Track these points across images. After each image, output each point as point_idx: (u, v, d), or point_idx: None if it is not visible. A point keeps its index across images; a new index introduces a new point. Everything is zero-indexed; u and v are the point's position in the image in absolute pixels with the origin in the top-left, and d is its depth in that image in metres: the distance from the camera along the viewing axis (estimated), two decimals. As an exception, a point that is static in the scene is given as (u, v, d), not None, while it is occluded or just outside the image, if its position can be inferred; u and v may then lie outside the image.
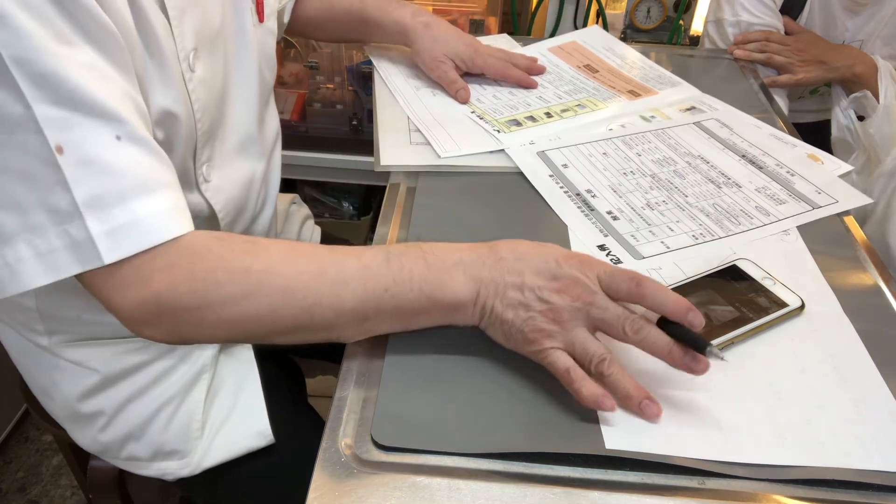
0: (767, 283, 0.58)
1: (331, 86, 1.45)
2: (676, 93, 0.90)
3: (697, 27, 1.40)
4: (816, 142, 0.81)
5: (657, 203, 0.69)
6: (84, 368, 0.69)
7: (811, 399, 0.50)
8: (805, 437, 0.47)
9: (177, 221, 0.48)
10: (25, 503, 1.39)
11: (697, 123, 0.83)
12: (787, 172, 0.74)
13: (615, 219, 0.67)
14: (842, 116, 1.06)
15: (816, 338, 0.55)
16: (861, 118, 1.04)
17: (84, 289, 0.52)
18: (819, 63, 1.05)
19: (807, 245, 0.64)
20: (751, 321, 0.54)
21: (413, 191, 0.71)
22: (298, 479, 0.46)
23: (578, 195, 0.70)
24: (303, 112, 1.48)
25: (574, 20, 1.38)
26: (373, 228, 1.56)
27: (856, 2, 1.06)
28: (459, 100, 0.87)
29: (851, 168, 0.75)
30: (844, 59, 1.05)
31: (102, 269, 0.47)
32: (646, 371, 0.51)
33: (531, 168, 0.74)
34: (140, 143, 0.48)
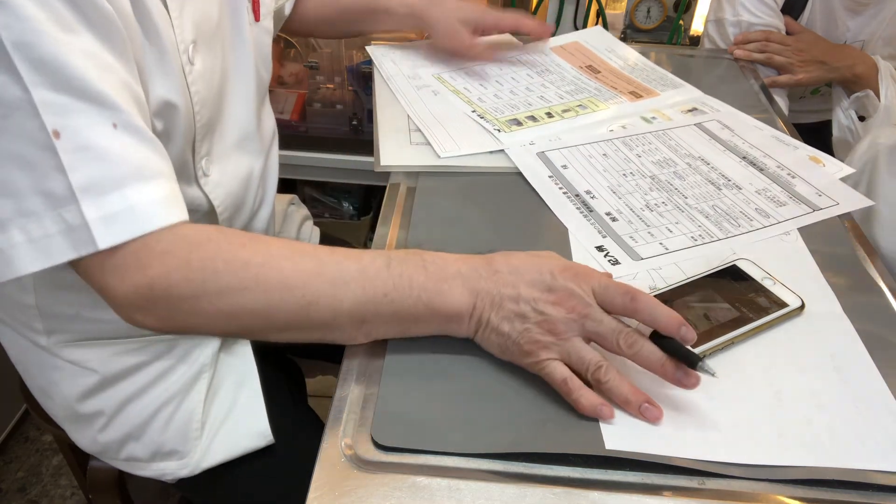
0: (767, 284, 0.58)
1: (331, 86, 1.45)
2: (678, 94, 0.90)
3: (697, 27, 1.40)
4: (817, 142, 0.81)
5: (657, 204, 0.69)
6: (83, 368, 0.69)
7: (811, 399, 0.50)
8: (805, 437, 0.47)
9: (171, 210, 0.49)
10: (25, 503, 1.39)
11: (698, 125, 0.83)
12: (788, 174, 0.74)
13: (614, 220, 0.67)
14: (843, 117, 1.06)
15: (816, 338, 0.55)
16: (862, 118, 1.04)
17: (82, 283, 0.52)
18: (819, 63, 1.05)
19: (807, 245, 0.64)
20: (751, 321, 0.54)
21: (413, 191, 0.71)
22: (298, 480, 0.46)
23: (578, 196, 0.70)
24: (303, 112, 1.48)
25: (574, 20, 1.38)
26: (373, 228, 1.56)
27: (857, 2, 1.06)
28: (486, 58, 0.94)
29: (853, 170, 0.75)
30: (845, 60, 1.05)
31: (97, 255, 0.47)
32: (645, 371, 0.51)
33: (531, 169, 0.74)
34: (136, 132, 0.48)
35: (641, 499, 0.44)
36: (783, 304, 0.56)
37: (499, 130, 0.80)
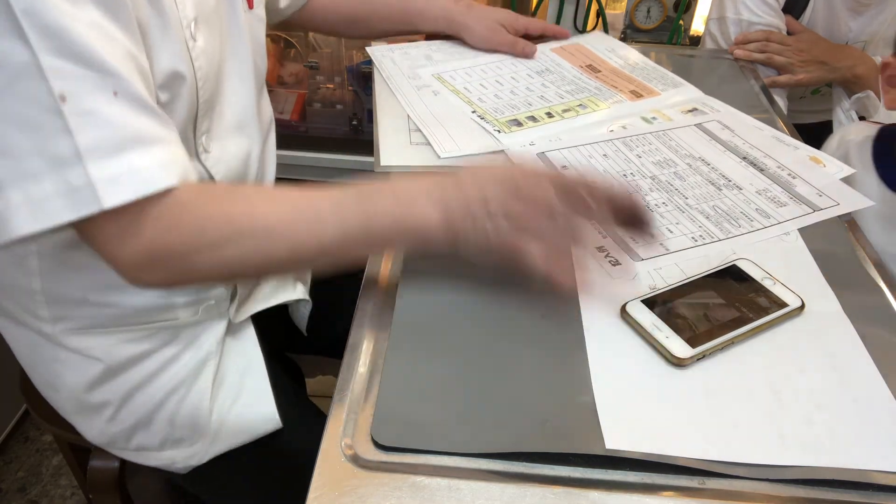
0: (767, 283, 0.58)
1: (331, 86, 1.45)
2: (678, 94, 0.90)
3: (697, 27, 1.40)
4: (817, 142, 0.81)
5: (657, 205, 0.69)
6: (88, 358, 0.69)
7: (811, 399, 0.50)
8: (805, 437, 0.47)
9: (167, 174, 0.50)
10: (25, 503, 1.39)
11: (699, 125, 0.83)
12: (789, 175, 0.74)
13: (615, 219, 0.67)
14: (843, 117, 1.06)
15: (816, 338, 0.55)
16: (862, 119, 1.04)
17: (89, 264, 0.58)
18: (820, 63, 1.05)
19: (807, 245, 0.64)
20: (751, 321, 0.54)
21: (413, 191, 0.71)
22: (301, 473, 0.46)
23: (579, 195, 0.70)
24: (303, 112, 1.48)
25: (574, 20, 1.38)
26: (373, 228, 1.56)
27: (859, 2, 1.06)
28: (528, 54, 0.97)
29: (853, 171, 0.75)
30: (845, 60, 1.05)
31: (101, 220, 0.49)
32: (645, 370, 0.51)
33: (531, 168, 0.74)
34: (136, 100, 0.50)
35: (641, 499, 0.44)
36: (783, 304, 0.56)
37: (499, 132, 0.80)
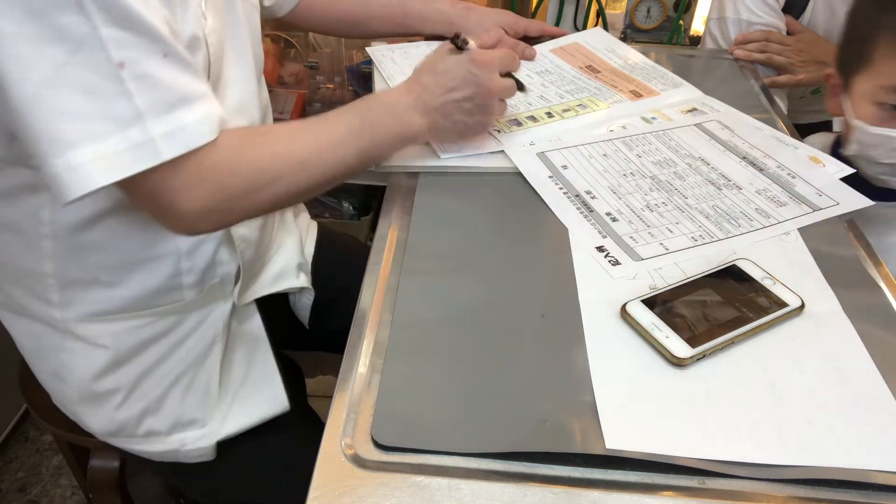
0: (767, 283, 0.58)
1: (331, 86, 1.45)
2: (678, 94, 0.90)
3: (697, 27, 1.40)
4: (817, 142, 0.81)
5: (657, 205, 0.69)
6: (95, 346, 0.70)
7: (811, 399, 0.50)
8: (805, 437, 0.47)
9: (212, 126, 0.57)
10: (25, 503, 1.39)
11: (699, 125, 0.83)
12: (789, 174, 0.74)
13: (614, 220, 0.67)
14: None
15: (816, 338, 0.55)
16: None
17: (102, 243, 0.64)
18: (820, 63, 1.05)
19: (807, 245, 0.64)
20: (751, 321, 0.54)
21: (413, 191, 0.71)
22: (301, 473, 0.46)
23: (578, 196, 0.70)
24: (303, 112, 1.48)
25: (574, 20, 1.38)
26: (373, 228, 1.56)
27: (858, 2, 1.06)
28: (528, 57, 0.98)
29: (853, 171, 0.75)
30: None
31: (165, 173, 0.55)
32: (645, 370, 0.51)
33: (531, 169, 0.74)
34: (180, 61, 0.55)
35: (641, 498, 0.44)
36: (783, 304, 0.56)
37: (499, 131, 0.80)
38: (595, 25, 1.36)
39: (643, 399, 0.49)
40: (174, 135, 0.54)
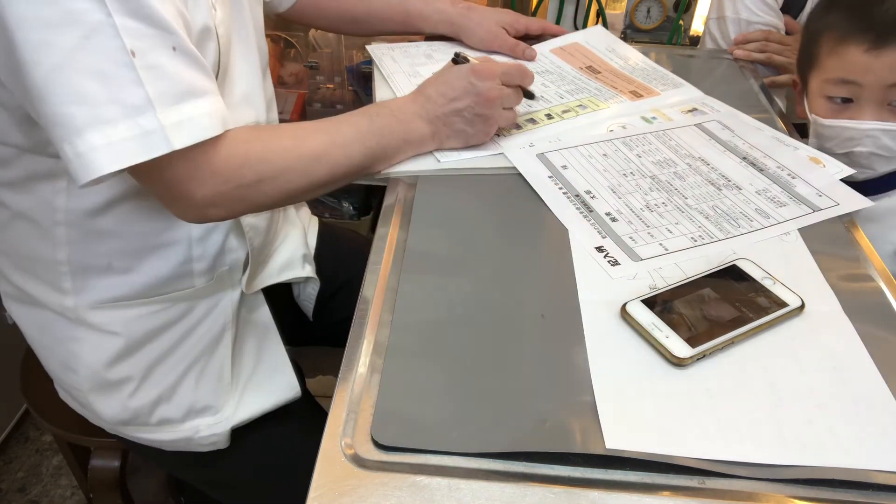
0: (767, 283, 0.58)
1: (331, 86, 1.45)
2: (678, 94, 0.90)
3: (697, 27, 1.40)
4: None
5: (657, 205, 0.69)
6: (107, 333, 0.71)
7: (811, 399, 0.50)
8: (805, 437, 0.47)
9: (222, 120, 0.58)
10: (25, 503, 1.39)
11: (699, 125, 0.83)
12: (789, 175, 0.74)
13: (614, 220, 0.67)
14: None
15: (816, 338, 0.55)
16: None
17: (116, 229, 0.65)
18: None
19: (807, 245, 0.64)
20: (751, 321, 0.54)
21: (413, 191, 0.71)
22: (301, 473, 0.46)
23: (577, 196, 0.70)
24: (303, 112, 1.48)
25: (574, 20, 1.38)
26: (373, 228, 1.56)
27: (857, 2, 1.06)
28: (528, 58, 0.97)
29: (853, 171, 0.75)
30: None
31: (176, 161, 0.56)
32: (645, 370, 0.51)
33: (530, 170, 0.74)
34: (189, 55, 0.56)
35: (641, 498, 0.44)
36: (783, 304, 0.56)
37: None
38: (595, 25, 1.36)
39: (643, 399, 0.49)
40: (183, 125, 0.54)
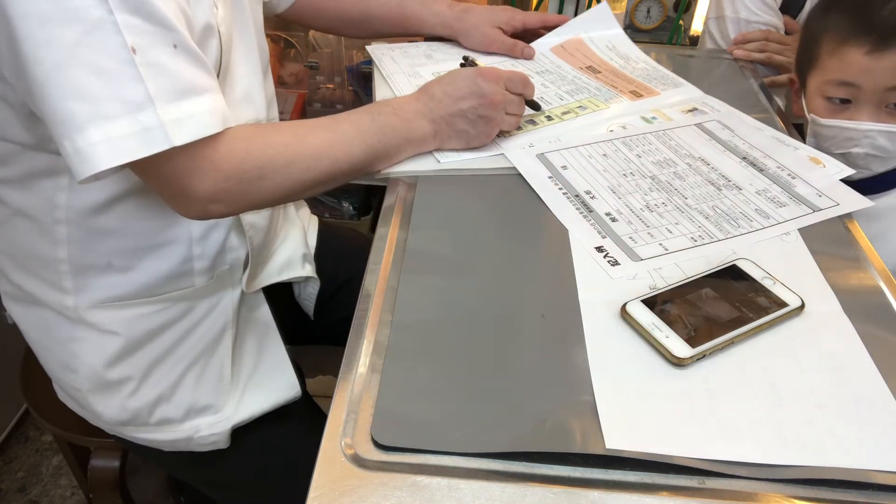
0: (767, 283, 0.58)
1: (331, 86, 1.45)
2: (679, 93, 0.90)
3: (697, 27, 1.40)
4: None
5: (657, 205, 0.69)
6: (107, 333, 0.71)
7: (811, 399, 0.50)
8: (805, 437, 0.47)
9: (223, 117, 0.58)
10: (25, 503, 1.39)
11: (699, 125, 0.83)
12: (789, 175, 0.74)
13: (614, 220, 0.67)
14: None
15: (816, 338, 0.55)
16: None
17: (116, 227, 0.65)
18: None
19: (807, 245, 0.64)
20: (751, 321, 0.54)
21: (413, 191, 0.71)
22: (301, 473, 0.46)
23: (577, 197, 0.70)
24: (303, 112, 1.48)
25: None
26: (373, 228, 1.56)
27: (856, 2, 1.06)
28: (527, 56, 0.97)
29: (853, 171, 0.75)
30: None
31: (177, 157, 0.56)
32: (645, 370, 0.51)
33: (530, 170, 0.74)
34: (190, 52, 0.56)
35: (641, 498, 0.44)
36: (783, 304, 0.56)
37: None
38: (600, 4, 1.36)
39: (643, 399, 0.49)
40: (183, 122, 0.54)
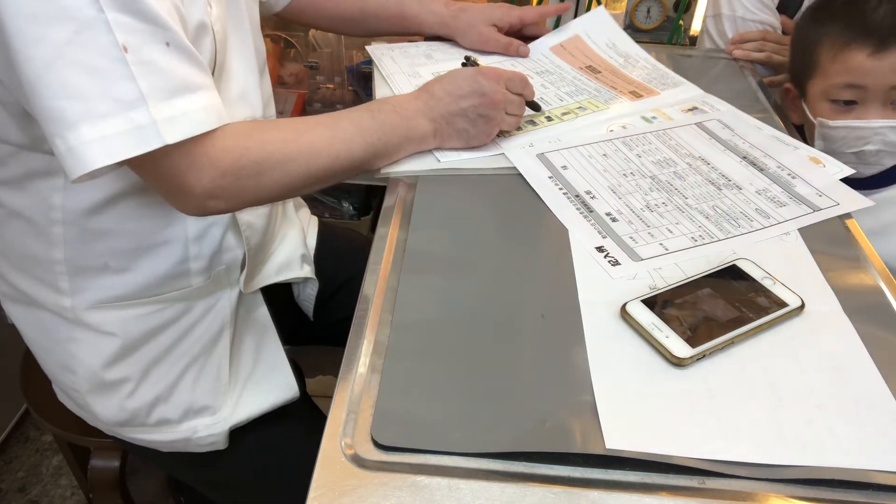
0: (767, 283, 0.58)
1: (331, 86, 1.45)
2: (679, 93, 0.90)
3: (697, 27, 1.40)
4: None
5: (657, 205, 0.69)
6: (104, 334, 0.71)
7: (811, 399, 0.50)
8: (805, 437, 0.47)
9: (217, 115, 0.58)
10: (25, 503, 1.39)
11: (699, 124, 0.83)
12: (789, 175, 0.74)
13: (614, 220, 0.67)
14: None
15: (816, 338, 0.55)
16: None
17: (112, 229, 0.64)
18: None
19: (807, 245, 0.64)
20: (751, 321, 0.54)
21: (413, 191, 0.71)
22: (301, 473, 0.46)
23: (577, 197, 0.70)
24: (303, 112, 1.48)
25: (574, 19, 1.38)
26: (373, 228, 1.56)
27: (855, 2, 1.06)
28: (522, 55, 0.97)
29: (853, 171, 0.75)
30: None
31: (173, 154, 0.56)
32: (646, 370, 0.51)
33: (530, 170, 0.74)
34: (183, 50, 0.56)
35: (641, 498, 0.44)
36: (783, 304, 0.56)
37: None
38: (599, 7, 1.36)
39: (643, 399, 0.49)
40: (177, 120, 0.54)
